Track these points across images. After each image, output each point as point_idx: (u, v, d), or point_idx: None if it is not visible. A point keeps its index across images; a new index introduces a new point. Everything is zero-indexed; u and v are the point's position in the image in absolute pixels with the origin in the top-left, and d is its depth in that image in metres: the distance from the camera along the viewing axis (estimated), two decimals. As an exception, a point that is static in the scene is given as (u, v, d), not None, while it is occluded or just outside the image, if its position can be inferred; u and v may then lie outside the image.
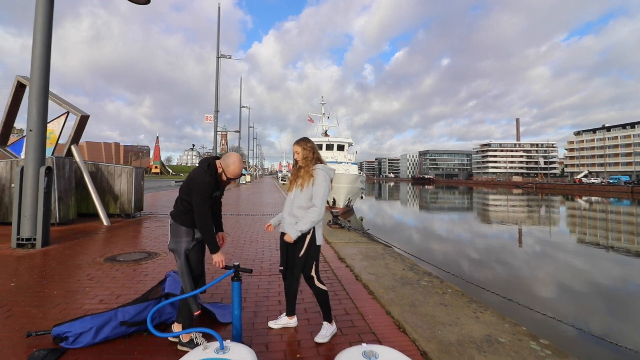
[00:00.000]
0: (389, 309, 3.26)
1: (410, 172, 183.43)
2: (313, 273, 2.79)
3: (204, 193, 2.55)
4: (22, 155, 8.42)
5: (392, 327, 2.97)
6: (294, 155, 2.93)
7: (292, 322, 3.01)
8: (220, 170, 2.67)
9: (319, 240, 2.81)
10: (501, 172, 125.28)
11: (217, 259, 2.66)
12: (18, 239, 5.81)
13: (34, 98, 5.90)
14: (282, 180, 51.66)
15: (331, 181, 2.84)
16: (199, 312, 2.77)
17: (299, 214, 2.75)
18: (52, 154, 8.66)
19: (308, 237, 2.74)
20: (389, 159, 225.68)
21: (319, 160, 2.88)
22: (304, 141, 2.90)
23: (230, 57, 23.55)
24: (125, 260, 5.19)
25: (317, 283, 2.80)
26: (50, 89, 6.48)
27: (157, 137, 70.13)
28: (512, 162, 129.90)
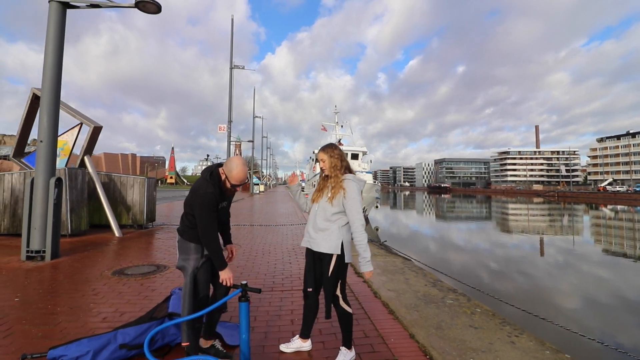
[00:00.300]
0: (412, 332, 2.94)
1: (425, 181, 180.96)
2: (338, 292, 2.51)
3: (207, 205, 2.33)
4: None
5: (418, 354, 2.65)
6: (319, 164, 2.65)
7: (305, 345, 2.73)
8: (223, 177, 2.44)
9: (348, 258, 2.53)
10: (521, 181, 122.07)
11: (225, 276, 2.43)
12: (28, 251, 5.74)
13: (45, 109, 5.88)
14: (295, 189, 51.41)
15: (361, 193, 2.57)
16: (188, 343, 2.51)
17: (324, 227, 2.49)
18: (66, 165, 8.70)
19: (336, 254, 2.46)
20: (403, 168, 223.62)
21: (348, 169, 2.59)
22: (330, 148, 2.60)
23: (243, 68, 23.77)
24: (133, 273, 5.01)
25: (342, 303, 2.51)
26: (70, 102, 6.51)
27: (172, 148, 71.49)
28: (532, 170, 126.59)
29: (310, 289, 2.60)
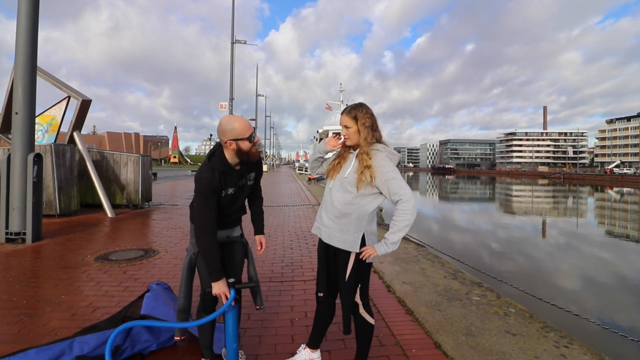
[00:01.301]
0: (437, 339, 2.42)
1: (430, 162, 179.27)
2: (358, 299, 1.94)
3: (200, 193, 1.82)
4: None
5: (446, 369, 2.13)
6: (342, 131, 1.97)
7: (314, 356, 2.18)
8: (232, 146, 1.82)
9: (373, 257, 1.91)
10: (526, 162, 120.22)
11: (217, 290, 1.82)
12: (7, 234, 5.26)
13: (19, 77, 5.25)
14: (298, 169, 51.03)
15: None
16: (183, 338, 2.03)
17: (341, 213, 1.87)
18: (54, 142, 8.14)
19: (355, 250, 1.86)
20: (408, 149, 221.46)
21: (378, 140, 1.92)
22: (360, 109, 1.89)
23: (245, 43, 22.68)
24: (117, 259, 4.53)
25: (362, 312, 1.95)
26: (72, 81, 5.98)
27: (175, 127, 70.77)
28: (538, 151, 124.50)
29: (322, 294, 2.02)
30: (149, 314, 2.40)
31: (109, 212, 7.83)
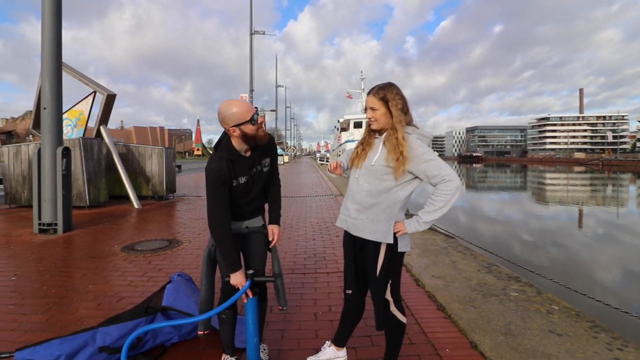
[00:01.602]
0: (473, 338, 2.23)
1: (456, 150, 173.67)
2: (389, 295, 1.77)
3: (210, 184, 1.73)
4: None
5: (484, 371, 1.96)
6: (367, 113, 1.76)
7: (340, 355, 2.06)
8: (236, 132, 1.69)
9: (403, 246, 1.73)
10: (561, 149, 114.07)
11: (234, 281, 1.75)
12: (40, 224, 5.46)
13: (46, 73, 5.36)
14: (319, 160, 50.92)
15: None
16: (206, 332, 1.95)
17: (370, 202, 1.70)
18: (83, 136, 8.38)
19: (386, 243, 1.69)
20: (432, 137, 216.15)
21: (408, 123, 1.73)
22: (389, 89, 1.68)
23: (264, 33, 22.59)
24: (142, 249, 4.58)
25: (393, 310, 1.78)
26: (100, 78, 6.03)
27: (198, 121, 72.20)
28: (574, 137, 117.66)
29: (350, 291, 1.87)
30: (170, 305, 2.35)
31: (135, 204, 8.01)
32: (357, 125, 29.26)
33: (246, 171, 1.80)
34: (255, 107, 1.79)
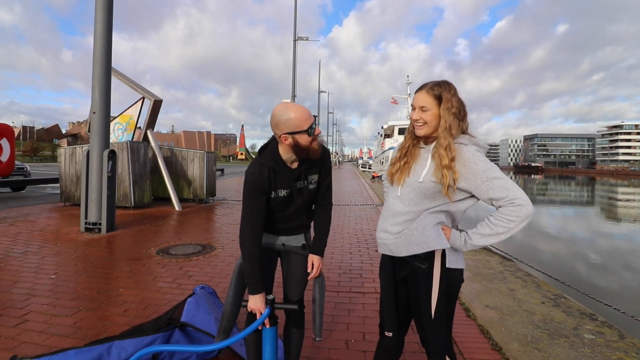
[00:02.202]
0: (540, 392, 1.80)
1: (512, 160, 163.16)
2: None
3: (246, 190, 1.56)
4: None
5: None
6: (412, 114, 1.42)
7: None
8: (288, 141, 1.47)
9: (456, 262, 1.39)
10: (636, 160, 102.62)
11: (252, 305, 1.53)
12: (86, 223, 5.69)
13: (97, 79, 5.62)
14: (362, 167, 50.31)
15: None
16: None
17: (414, 215, 1.39)
18: (132, 139, 8.79)
19: (441, 246, 1.34)
20: (489, 147, 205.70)
21: (464, 132, 1.40)
22: (445, 86, 1.37)
23: (307, 39, 22.78)
24: (176, 254, 4.56)
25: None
26: (154, 86, 6.40)
27: (242, 126, 75.16)
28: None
29: (391, 334, 1.52)
30: (188, 321, 2.18)
31: (176, 206, 8.21)
32: (402, 131, 28.59)
33: (289, 184, 1.58)
34: (314, 116, 1.57)
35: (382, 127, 37.45)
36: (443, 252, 1.36)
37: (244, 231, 1.55)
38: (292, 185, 1.58)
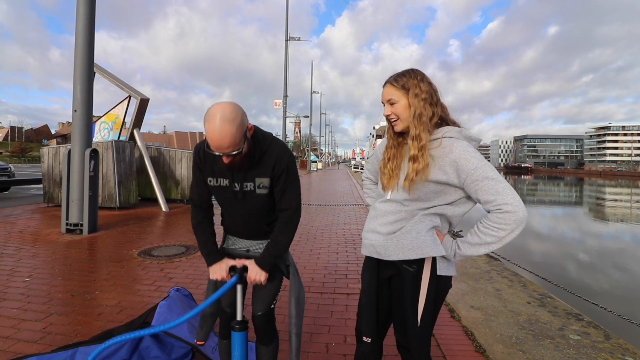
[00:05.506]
0: (521, 395, 1.74)
1: (502, 161, 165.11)
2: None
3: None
4: (94, 139, 8.47)
5: None
6: (384, 113, 1.35)
7: None
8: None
9: (447, 269, 1.28)
10: (623, 161, 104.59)
11: (213, 276, 1.46)
12: (67, 224, 5.53)
13: (78, 77, 5.47)
14: (354, 167, 50.37)
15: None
16: (202, 343, 1.67)
17: (404, 216, 1.29)
18: (118, 138, 8.62)
19: (437, 253, 1.24)
20: (481, 140, 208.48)
21: (445, 119, 1.31)
22: (411, 75, 1.27)
23: (299, 39, 22.73)
24: (158, 255, 4.44)
25: None
26: (144, 86, 6.26)
27: (236, 127, 74.69)
28: (639, 148, 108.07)
29: (369, 339, 1.40)
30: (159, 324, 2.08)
31: (163, 207, 8.07)
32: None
33: (223, 175, 1.47)
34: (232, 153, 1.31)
35: (374, 128, 37.60)
36: (434, 257, 1.27)
37: (192, 202, 1.60)
38: (231, 182, 1.45)
